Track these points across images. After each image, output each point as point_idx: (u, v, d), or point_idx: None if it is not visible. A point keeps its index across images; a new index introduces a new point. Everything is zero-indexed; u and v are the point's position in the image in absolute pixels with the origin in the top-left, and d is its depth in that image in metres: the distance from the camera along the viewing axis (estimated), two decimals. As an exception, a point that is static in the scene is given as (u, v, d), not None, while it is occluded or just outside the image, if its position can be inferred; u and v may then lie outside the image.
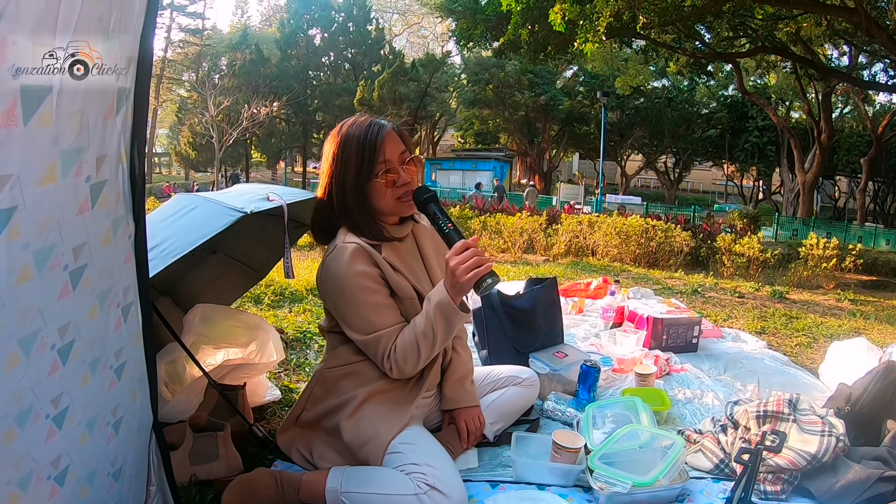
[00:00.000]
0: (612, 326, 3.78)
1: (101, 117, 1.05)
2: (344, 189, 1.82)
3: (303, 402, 2.01)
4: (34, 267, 0.97)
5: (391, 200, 1.83)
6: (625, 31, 12.23)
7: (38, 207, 0.95)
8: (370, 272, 1.81)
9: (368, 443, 1.82)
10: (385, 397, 1.92)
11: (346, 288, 1.80)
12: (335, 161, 1.83)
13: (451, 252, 1.70)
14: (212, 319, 2.38)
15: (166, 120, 44.66)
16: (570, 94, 31.93)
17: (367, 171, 1.79)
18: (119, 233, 1.19)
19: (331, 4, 35.06)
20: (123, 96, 1.11)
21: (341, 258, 1.79)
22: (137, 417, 1.45)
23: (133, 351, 1.35)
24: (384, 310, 1.84)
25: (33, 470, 1.09)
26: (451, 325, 1.78)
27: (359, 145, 1.79)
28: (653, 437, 2.09)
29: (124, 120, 1.13)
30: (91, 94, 1.00)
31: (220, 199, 2.12)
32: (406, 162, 1.84)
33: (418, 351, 1.79)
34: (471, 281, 1.67)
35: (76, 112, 0.97)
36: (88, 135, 1.02)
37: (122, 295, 1.26)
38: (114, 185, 1.14)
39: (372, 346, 1.83)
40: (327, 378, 1.96)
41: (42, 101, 0.90)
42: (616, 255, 8.79)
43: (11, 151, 0.87)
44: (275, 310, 4.10)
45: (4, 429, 1.00)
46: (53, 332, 1.06)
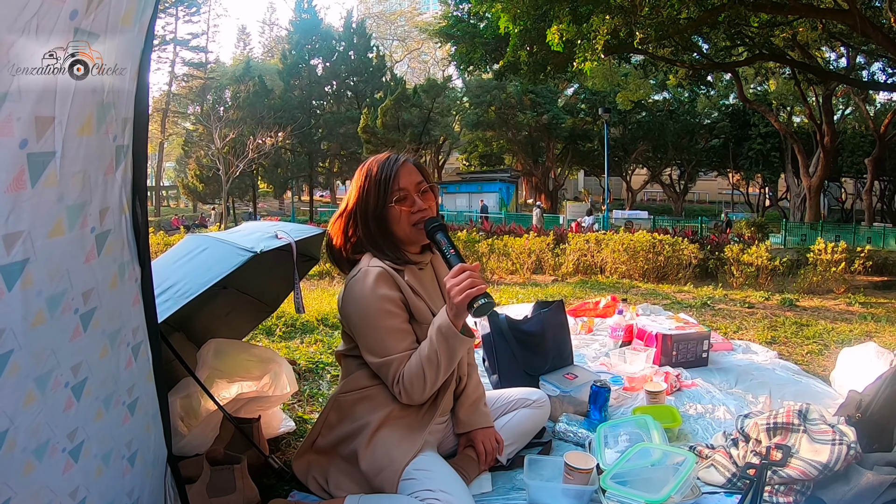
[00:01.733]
0: (622, 345, 3.77)
1: (102, 174, 1.12)
2: (366, 216, 1.93)
3: (318, 427, 2.04)
4: (47, 311, 1.03)
5: (407, 226, 1.91)
6: (623, 48, 12.31)
7: (49, 258, 1.01)
8: (392, 296, 1.87)
9: (384, 470, 1.83)
10: (399, 423, 1.93)
11: (367, 310, 1.85)
12: (358, 191, 1.95)
13: (449, 275, 1.76)
14: (225, 353, 2.41)
15: (173, 153, 45.08)
16: (572, 112, 32.08)
17: (384, 197, 1.90)
18: (126, 277, 1.25)
19: (332, 34, 35.46)
20: (122, 153, 1.17)
21: (365, 281, 1.86)
22: (152, 451, 1.48)
23: (145, 387, 1.40)
24: (400, 334, 1.88)
25: (52, 501, 1.14)
26: (452, 348, 1.80)
27: (377, 174, 1.92)
28: (664, 455, 2.10)
29: (124, 174, 1.20)
30: (91, 154, 1.07)
31: (229, 239, 2.16)
32: (422, 191, 1.94)
33: (424, 376, 1.82)
34: (463, 301, 1.70)
35: (78, 172, 1.04)
36: (91, 190, 1.09)
37: (131, 335, 1.31)
38: (118, 233, 1.21)
39: (384, 370, 1.87)
40: (342, 403, 1.99)
41: (47, 166, 0.97)
42: (624, 272, 8.77)
43: (22, 211, 0.94)
44: (287, 341, 4.11)
45: (23, 462, 1.05)
46: (67, 371, 1.12)
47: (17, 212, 0.93)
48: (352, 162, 35.54)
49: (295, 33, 35.27)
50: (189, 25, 44.70)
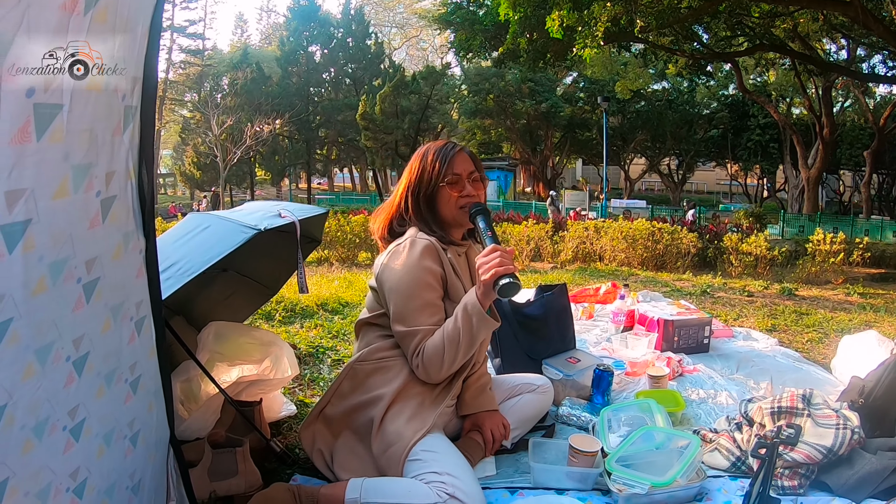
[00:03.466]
0: (623, 330, 3.77)
1: (110, 134, 1.08)
2: (417, 195, 2.02)
3: (329, 396, 2.04)
4: (49, 279, 1.00)
5: (455, 208, 1.99)
6: (623, 36, 12.22)
7: (52, 221, 0.97)
8: (435, 270, 1.93)
9: (392, 446, 1.84)
10: (411, 400, 1.94)
11: (408, 279, 1.90)
12: (414, 170, 2.05)
13: (481, 254, 1.80)
14: (225, 337, 2.40)
15: (170, 141, 44.85)
16: (570, 101, 31.97)
17: (437, 178, 1.99)
18: (130, 247, 1.22)
19: (330, 21, 35.25)
20: (130, 114, 1.13)
21: (412, 250, 1.92)
22: (154, 432, 1.45)
23: (148, 365, 1.36)
24: (432, 309, 1.93)
25: (52, 482, 1.10)
26: (476, 328, 1.83)
27: (434, 156, 2.02)
28: (668, 438, 2.10)
29: (132, 137, 1.16)
30: (99, 112, 1.03)
31: (232, 217, 2.15)
32: (473, 179, 2.03)
33: (443, 354, 1.84)
34: (490, 279, 1.73)
35: (86, 129, 1.00)
36: (98, 151, 1.05)
37: (134, 309, 1.27)
38: (123, 200, 1.17)
39: (407, 339, 1.91)
40: (358, 372, 2.00)
41: (53, 119, 0.92)
42: (623, 260, 8.75)
43: (25, 166, 0.90)
44: (286, 326, 4.10)
45: (23, 440, 1.01)
46: (68, 344, 1.08)
47: (20, 167, 0.89)
48: (349, 149, 35.47)
49: (293, 20, 35.02)
50: (186, 12, 44.33)
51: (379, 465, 1.86)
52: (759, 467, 1.81)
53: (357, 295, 5.16)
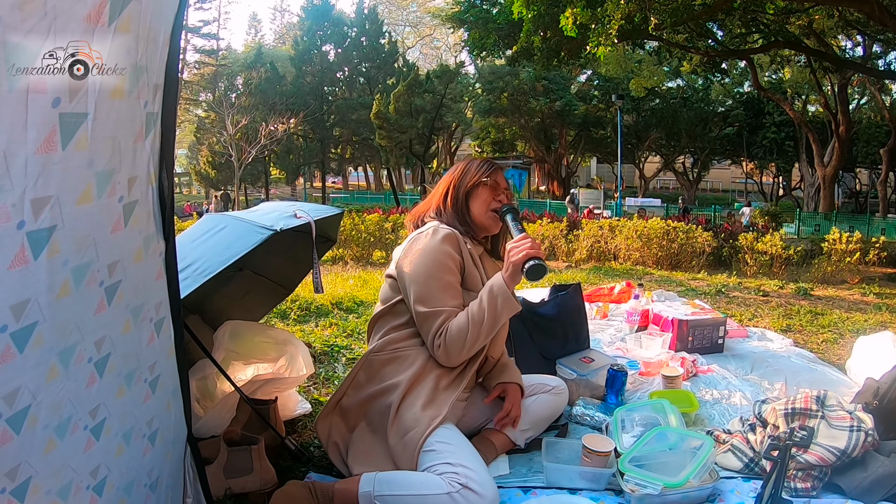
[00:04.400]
0: (638, 330, 3.76)
1: (132, 141, 1.11)
2: (458, 189, 2.15)
3: (345, 387, 2.07)
4: (72, 283, 1.02)
5: (486, 209, 2.14)
6: (637, 33, 12.18)
7: (76, 226, 1.00)
8: (454, 256, 2.02)
9: (410, 431, 1.88)
10: (427, 385, 1.97)
11: (430, 261, 1.99)
12: (459, 169, 2.21)
13: (511, 241, 1.94)
14: (241, 335, 2.43)
15: (185, 140, 45.06)
16: (584, 99, 31.81)
17: (481, 176, 2.14)
18: (150, 250, 1.24)
19: (343, 20, 35.28)
20: (151, 121, 1.16)
21: (434, 236, 2.02)
22: (172, 430, 1.48)
23: (166, 364, 1.39)
24: (453, 291, 2.01)
25: (73, 480, 1.13)
26: (500, 308, 1.92)
27: (480, 163, 2.21)
28: (682, 439, 2.10)
29: (153, 143, 1.18)
30: (122, 119, 1.05)
31: (248, 218, 2.17)
32: (506, 194, 2.20)
33: (467, 334, 1.92)
34: (520, 260, 1.86)
35: (109, 136, 1.03)
36: (120, 157, 1.08)
37: (154, 310, 1.30)
38: (144, 204, 1.19)
39: (430, 320, 1.97)
40: (374, 363, 2.04)
41: (78, 127, 0.95)
42: (638, 259, 8.72)
43: (51, 174, 0.92)
44: (301, 325, 4.13)
45: (45, 439, 1.04)
46: (90, 346, 1.11)
47: (46, 175, 0.91)
48: (364, 148, 35.53)
49: (306, 19, 35.09)
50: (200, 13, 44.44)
51: (394, 455, 1.88)
52: (772, 469, 1.81)
53: (372, 294, 5.18)
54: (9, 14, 0.79)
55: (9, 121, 0.83)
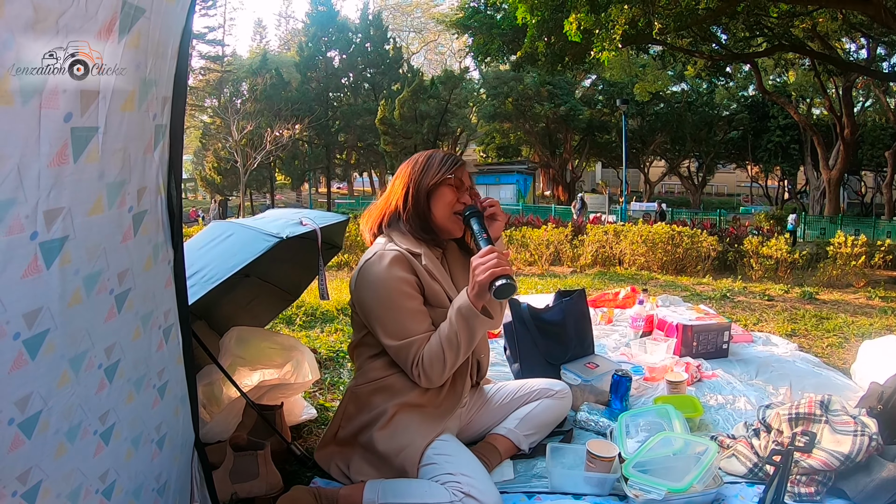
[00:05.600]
0: (642, 335, 3.75)
1: (142, 152, 1.13)
2: (419, 188, 1.97)
3: (338, 419, 2.05)
4: (83, 291, 1.04)
5: (449, 211, 1.97)
6: (641, 38, 12.21)
7: (87, 236, 1.02)
8: (408, 278, 1.88)
9: (404, 450, 1.85)
10: (417, 410, 1.95)
11: (384, 292, 1.86)
12: (419, 164, 2.00)
13: (476, 255, 1.78)
14: (247, 341, 2.44)
15: (191, 146, 45.22)
16: (589, 104, 31.89)
17: (444, 173, 1.96)
18: (159, 259, 1.26)
19: (348, 26, 35.43)
20: (160, 133, 1.18)
21: (381, 263, 1.87)
22: (180, 435, 1.50)
23: (175, 371, 1.41)
24: (419, 316, 1.89)
25: (82, 483, 1.15)
26: (472, 329, 1.81)
27: (445, 157, 2.02)
28: (686, 444, 2.09)
29: (161, 154, 1.20)
30: (132, 131, 1.07)
31: (255, 225, 2.18)
32: (471, 192, 2.04)
33: (444, 357, 1.83)
34: (485, 280, 1.72)
35: (119, 149, 1.05)
36: (130, 168, 1.10)
37: (163, 317, 1.32)
38: (153, 214, 1.21)
39: (403, 352, 1.87)
40: (359, 395, 2.00)
41: (90, 141, 0.97)
42: (643, 264, 8.71)
43: (63, 186, 0.94)
44: (307, 330, 4.14)
45: (56, 444, 1.06)
46: (100, 352, 1.13)
47: (58, 187, 0.93)
48: (369, 154, 35.64)
49: (311, 25, 35.26)
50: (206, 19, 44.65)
51: (394, 469, 1.87)
52: (774, 474, 1.81)
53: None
54: (22, 34, 0.81)
55: (23, 135, 0.85)
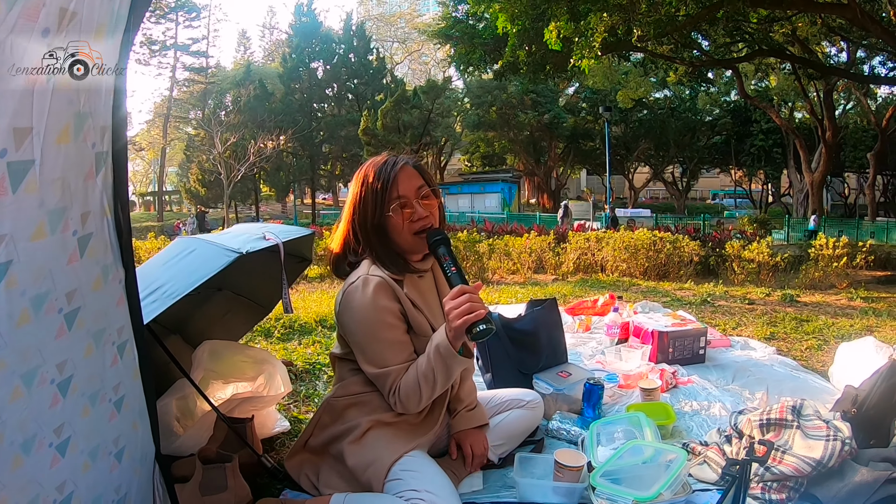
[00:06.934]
0: (618, 342, 3.76)
1: (82, 179, 1.17)
2: (365, 226, 1.85)
3: (311, 428, 2.04)
4: (31, 311, 1.08)
5: (409, 236, 1.83)
6: (621, 46, 12.30)
7: (32, 260, 1.06)
8: (391, 308, 1.82)
9: (371, 465, 1.83)
10: (390, 427, 1.93)
11: (366, 321, 1.81)
12: (355, 200, 1.87)
13: (448, 297, 1.67)
14: (220, 355, 2.45)
15: (175, 158, 45.15)
16: (573, 111, 32.07)
17: (382, 207, 1.81)
18: (109, 279, 1.29)
19: (332, 37, 35.41)
20: (101, 159, 1.21)
21: (365, 291, 1.80)
22: (140, 448, 1.51)
23: (131, 385, 1.43)
24: (398, 346, 1.85)
25: (39, 494, 1.18)
26: (449, 368, 1.75)
27: (374, 181, 1.83)
28: (657, 452, 2.07)
29: (104, 179, 1.23)
30: (70, 161, 1.11)
31: (217, 240, 2.19)
32: (423, 196, 1.86)
33: (420, 391, 1.79)
34: (461, 326, 1.62)
35: (58, 178, 1.09)
36: (71, 196, 1.13)
37: (116, 334, 1.34)
38: (100, 236, 1.24)
39: (381, 380, 1.85)
40: (335, 407, 1.99)
41: (27, 173, 1.01)
42: (625, 270, 8.72)
43: (4, 216, 0.98)
44: (284, 342, 4.13)
45: (11, 456, 1.09)
46: (52, 368, 1.16)
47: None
48: (353, 164, 35.50)
49: (295, 37, 35.24)
50: (189, 31, 44.64)
51: (361, 484, 1.86)
52: (729, 485, 1.80)
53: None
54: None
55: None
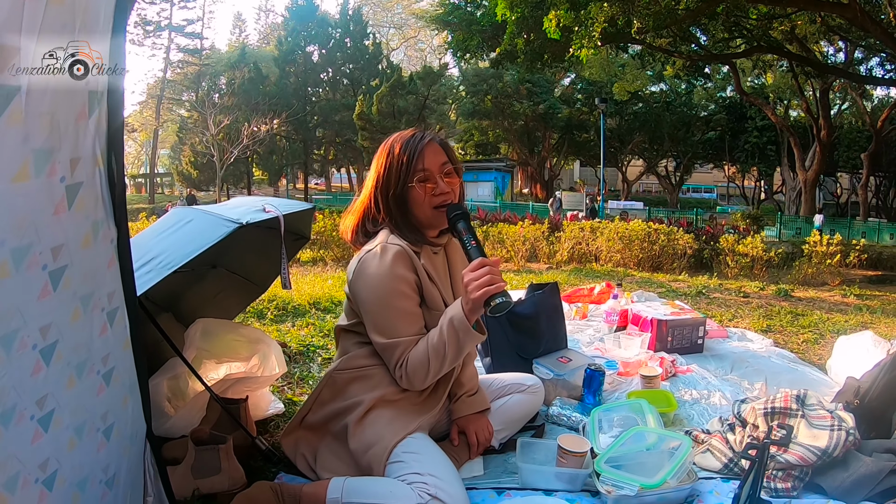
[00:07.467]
0: (616, 330, 3.74)
1: (73, 119, 1.06)
2: (387, 196, 1.87)
3: (309, 403, 1.99)
4: (11, 264, 0.97)
5: (429, 209, 1.85)
6: (620, 37, 12.26)
7: (13, 204, 0.95)
8: (408, 278, 1.82)
9: (372, 447, 1.79)
10: (393, 405, 1.89)
11: (381, 289, 1.80)
12: (380, 168, 1.88)
13: (468, 269, 1.68)
14: (213, 334, 2.38)
15: (168, 140, 44.80)
16: (568, 102, 32.00)
17: (406, 177, 1.83)
18: (100, 236, 1.19)
19: (328, 21, 35.25)
20: (95, 100, 1.10)
21: (383, 258, 1.79)
22: (130, 425, 1.42)
23: (122, 357, 1.33)
24: (411, 317, 1.84)
25: (20, 472, 1.08)
26: (462, 343, 1.74)
27: (400, 152, 1.85)
28: (660, 439, 2.06)
29: (98, 124, 1.13)
30: (60, 95, 1.01)
31: (216, 211, 2.12)
32: (446, 173, 1.87)
33: (428, 365, 1.77)
34: (480, 298, 1.63)
35: (45, 113, 0.98)
36: (60, 136, 1.03)
37: (106, 299, 1.24)
38: (91, 187, 1.14)
39: (389, 351, 1.83)
40: (337, 380, 1.94)
41: (10, 101, 0.91)
42: (619, 261, 8.73)
43: None
44: (278, 324, 4.07)
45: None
46: (34, 332, 1.06)
47: None
48: (347, 149, 35.45)
49: (291, 20, 35.05)
50: (184, 11, 44.29)
51: (360, 466, 1.82)
52: (749, 469, 1.77)
53: (350, 294, 5.11)
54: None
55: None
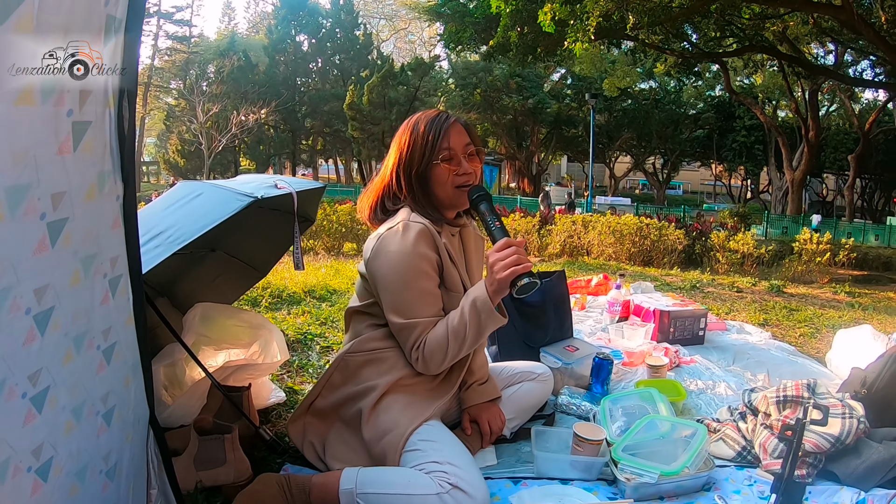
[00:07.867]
0: (619, 320, 3.71)
1: (88, 39, 0.94)
2: (409, 173, 1.84)
3: (319, 388, 1.92)
4: (5, 206, 0.85)
5: (450, 188, 1.83)
6: (614, 32, 12.26)
7: (13, 133, 0.84)
8: (430, 257, 1.78)
9: (387, 434, 1.73)
10: (408, 390, 1.84)
11: (403, 267, 1.75)
12: (403, 145, 1.86)
13: (494, 248, 1.67)
14: (212, 319, 2.30)
15: (154, 128, 44.42)
16: (557, 98, 31.98)
17: (431, 155, 1.81)
18: (105, 190, 1.07)
19: (318, 10, 35.05)
20: (112, 25, 0.99)
21: (406, 236, 1.75)
22: (132, 409, 1.31)
23: (124, 333, 1.22)
24: (430, 298, 1.80)
25: (10, 458, 0.95)
26: (483, 325, 1.71)
27: (425, 130, 1.83)
28: (673, 427, 2.06)
29: (112, 55, 1.01)
30: (76, 12, 0.90)
31: (227, 185, 2.02)
32: (469, 154, 1.86)
33: (447, 348, 1.73)
34: (507, 278, 1.61)
35: (59, 27, 0.88)
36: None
37: (109, 265, 1.13)
38: (100, 129, 1.02)
39: (406, 332, 1.78)
40: (349, 363, 1.88)
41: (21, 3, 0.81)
42: (611, 255, 8.72)
43: None
44: (273, 312, 4.00)
45: None
46: (28, 294, 0.93)
47: None
48: (335, 140, 35.31)
49: (281, 9, 34.80)
50: (173, -2, 43.92)
51: (373, 455, 1.75)
52: (788, 449, 1.74)
53: (345, 283, 5.06)
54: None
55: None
